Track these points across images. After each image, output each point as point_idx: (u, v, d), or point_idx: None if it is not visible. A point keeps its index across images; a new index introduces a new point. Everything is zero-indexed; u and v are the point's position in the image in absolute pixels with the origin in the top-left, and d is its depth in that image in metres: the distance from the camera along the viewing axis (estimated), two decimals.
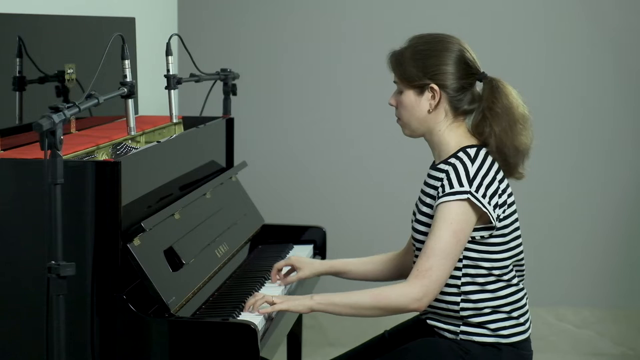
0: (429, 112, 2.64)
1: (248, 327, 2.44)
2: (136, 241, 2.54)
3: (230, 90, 3.64)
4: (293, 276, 2.99)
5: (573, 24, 4.66)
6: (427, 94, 2.64)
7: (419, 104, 2.65)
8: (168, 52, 3.17)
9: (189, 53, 3.35)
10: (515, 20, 4.69)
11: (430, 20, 4.67)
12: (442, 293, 2.62)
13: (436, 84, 2.63)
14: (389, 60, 2.71)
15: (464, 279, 2.61)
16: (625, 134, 4.70)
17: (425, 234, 2.64)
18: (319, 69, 4.76)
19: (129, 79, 2.69)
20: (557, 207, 4.76)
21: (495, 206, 2.58)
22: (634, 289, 4.76)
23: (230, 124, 3.56)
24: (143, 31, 3.73)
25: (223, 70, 3.62)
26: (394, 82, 2.70)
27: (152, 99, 3.88)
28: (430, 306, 2.66)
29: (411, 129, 2.69)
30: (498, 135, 2.63)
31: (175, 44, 3.78)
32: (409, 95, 2.66)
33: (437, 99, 2.63)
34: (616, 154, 4.71)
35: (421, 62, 2.63)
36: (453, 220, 2.54)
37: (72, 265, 2.19)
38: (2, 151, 2.66)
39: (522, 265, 2.71)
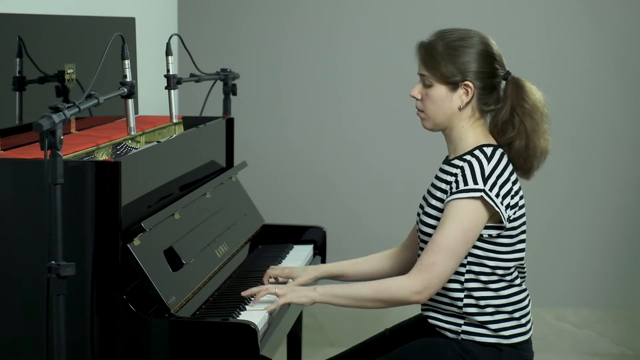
0: (459, 108, 2.64)
1: (248, 327, 2.44)
2: (136, 241, 2.54)
3: (230, 90, 3.64)
4: (292, 284, 2.96)
5: (573, 24, 4.66)
6: (460, 91, 2.63)
7: (451, 100, 2.63)
8: (168, 52, 3.17)
9: (189, 53, 3.35)
10: (516, 20, 4.69)
11: (430, 20, 4.66)
12: (446, 289, 2.63)
13: (471, 82, 2.62)
14: (419, 51, 2.66)
15: (467, 276, 2.61)
16: (625, 134, 4.70)
17: (433, 227, 2.64)
18: (319, 69, 4.76)
19: (129, 79, 2.70)
20: (557, 207, 4.76)
21: (507, 207, 2.58)
22: (634, 289, 4.76)
23: (230, 124, 3.56)
24: (143, 31, 3.73)
25: (223, 70, 3.62)
26: (421, 74, 2.66)
27: (152, 99, 3.87)
28: (433, 301, 2.66)
29: (435, 123, 2.67)
30: (528, 133, 2.63)
31: (175, 44, 3.78)
32: (440, 90, 2.63)
33: (469, 96, 2.62)
34: (616, 154, 4.71)
35: (456, 58, 2.61)
36: (463, 218, 2.54)
37: (72, 265, 2.19)
38: (2, 151, 2.66)
39: (523, 267, 2.71)
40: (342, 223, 4.70)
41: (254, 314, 2.64)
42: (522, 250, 2.67)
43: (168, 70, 3.18)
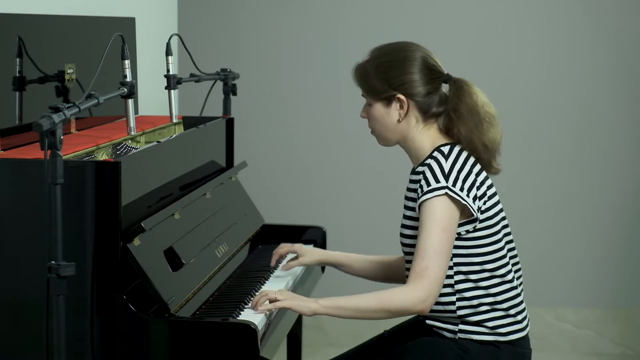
0: (398, 121, 2.68)
1: (248, 327, 2.44)
2: (136, 241, 2.54)
3: (230, 90, 3.64)
4: (295, 261, 3.05)
5: (573, 24, 4.66)
6: (395, 105, 2.67)
7: (389, 114, 2.68)
8: (168, 52, 3.17)
9: (189, 53, 3.35)
10: (516, 20, 4.69)
11: (429, 20, 4.67)
12: (439, 294, 2.62)
13: (402, 94, 2.65)
14: (354, 75, 2.75)
15: (457, 277, 2.62)
16: (625, 133, 4.70)
17: (410, 237, 2.66)
18: (319, 69, 4.76)
19: (129, 79, 2.70)
20: (557, 207, 4.76)
21: (474, 198, 2.60)
22: (634, 289, 4.76)
23: (230, 124, 3.56)
24: (143, 31, 3.73)
25: (223, 70, 3.62)
26: (362, 95, 2.73)
27: (152, 99, 3.87)
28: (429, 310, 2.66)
29: (385, 139, 2.73)
30: (465, 135, 2.66)
31: (175, 44, 3.78)
32: (378, 108, 2.69)
33: (405, 108, 2.66)
34: (616, 153, 4.71)
35: (384, 74, 2.67)
36: (437, 217, 2.56)
37: (72, 265, 2.19)
38: (2, 151, 2.66)
39: (515, 257, 2.72)
40: (342, 223, 4.70)
41: (254, 314, 2.64)
42: (506, 235, 2.69)
43: (168, 70, 3.18)
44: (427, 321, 2.69)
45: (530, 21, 4.69)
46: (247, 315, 2.64)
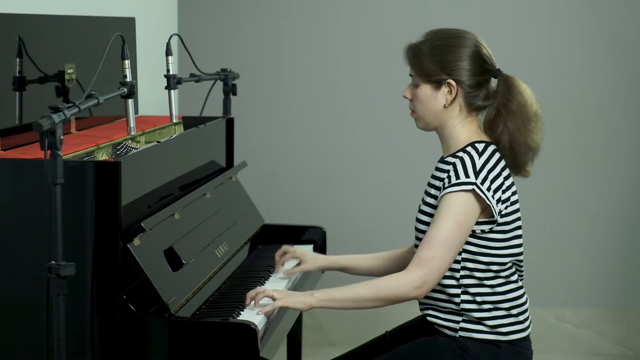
0: (444, 106, 2.66)
1: (248, 327, 2.44)
2: (136, 241, 2.54)
3: (230, 90, 3.64)
4: (297, 267, 3.03)
5: (573, 24, 4.66)
6: (444, 89, 2.65)
7: (435, 98, 2.67)
8: (168, 52, 3.18)
9: (189, 53, 3.35)
10: (516, 19, 4.69)
11: (428, 19, 4.66)
12: (443, 285, 2.63)
13: (453, 80, 2.64)
14: (406, 53, 2.71)
15: (462, 272, 2.63)
16: (625, 133, 4.70)
17: (426, 223, 2.66)
18: (319, 69, 4.76)
19: (129, 79, 2.70)
20: (557, 207, 4.76)
21: (498, 201, 2.60)
22: (634, 289, 4.76)
23: (230, 124, 3.56)
24: (143, 31, 3.73)
25: (223, 70, 3.62)
26: (410, 75, 2.71)
27: (152, 99, 3.88)
28: (432, 299, 2.67)
29: (425, 122, 2.71)
30: (512, 132, 2.65)
31: (175, 44, 3.78)
32: (425, 90, 2.67)
33: (453, 94, 2.65)
34: (616, 154, 4.71)
35: (439, 57, 2.65)
36: (456, 211, 2.56)
37: (72, 265, 2.19)
38: (2, 151, 2.66)
39: (521, 264, 2.71)
40: (342, 223, 4.70)
41: (254, 314, 2.63)
42: (518, 246, 2.68)
43: (168, 70, 3.18)
44: (429, 318, 2.68)
45: (530, 21, 4.69)
46: (247, 315, 2.64)
